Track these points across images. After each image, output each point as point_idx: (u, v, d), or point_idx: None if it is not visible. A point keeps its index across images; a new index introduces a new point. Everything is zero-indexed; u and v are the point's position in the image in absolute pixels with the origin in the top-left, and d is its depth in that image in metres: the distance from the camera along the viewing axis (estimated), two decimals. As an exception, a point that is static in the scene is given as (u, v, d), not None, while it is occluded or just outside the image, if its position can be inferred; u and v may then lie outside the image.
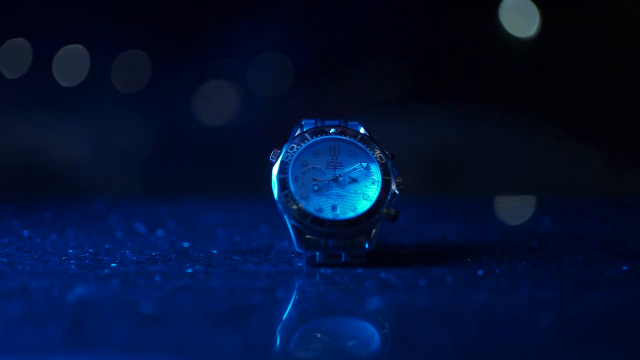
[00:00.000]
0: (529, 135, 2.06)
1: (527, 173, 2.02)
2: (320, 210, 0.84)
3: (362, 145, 0.86)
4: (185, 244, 0.94)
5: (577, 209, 1.31)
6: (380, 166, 0.86)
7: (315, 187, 0.85)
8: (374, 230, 0.84)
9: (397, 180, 0.86)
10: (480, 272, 0.82)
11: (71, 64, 2.03)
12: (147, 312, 0.70)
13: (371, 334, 0.68)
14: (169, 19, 2.07)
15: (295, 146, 0.86)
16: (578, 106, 2.09)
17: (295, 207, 0.83)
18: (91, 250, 0.91)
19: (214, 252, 0.90)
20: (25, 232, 1.02)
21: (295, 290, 0.77)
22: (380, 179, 0.85)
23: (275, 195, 0.84)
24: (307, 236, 0.83)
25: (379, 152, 0.86)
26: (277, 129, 2.19)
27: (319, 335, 0.68)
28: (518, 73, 2.13)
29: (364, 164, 0.86)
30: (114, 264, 0.84)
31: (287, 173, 0.84)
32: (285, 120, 2.12)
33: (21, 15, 2.01)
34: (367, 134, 0.88)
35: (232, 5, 2.10)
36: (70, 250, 0.91)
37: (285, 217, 0.84)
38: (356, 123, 0.89)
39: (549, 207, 1.35)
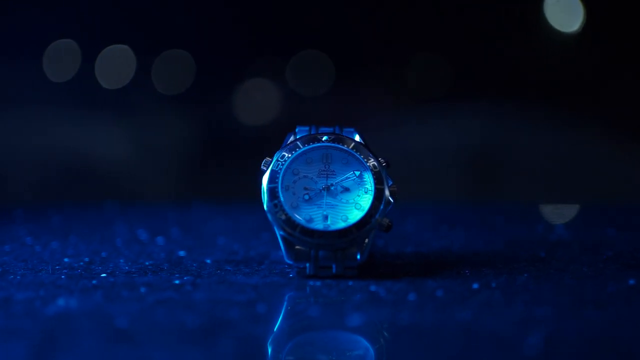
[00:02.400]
0: (573, 135, 2.00)
1: (570, 175, 1.96)
2: (310, 220, 0.81)
3: (355, 153, 0.83)
4: (182, 253, 0.93)
5: (605, 216, 1.26)
6: (373, 175, 0.83)
7: (306, 197, 0.83)
8: (366, 241, 0.82)
9: (391, 189, 0.83)
10: (475, 285, 0.79)
11: (115, 65, 2.04)
12: (120, 326, 0.68)
13: (344, 353, 0.65)
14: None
15: (287, 154, 0.83)
16: (625, 104, 2.02)
17: (284, 217, 0.81)
18: (86, 260, 0.90)
19: (208, 261, 0.89)
20: (29, 240, 1.02)
21: (277, 305, 0.75)
22: (373, 188, 0.82)
23: (265, 205, 0.82)
24: (297, 247, 0.81)
25: (372, 160, 0.83)
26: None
27: (288, 354, 0.66)
28: (561, 69, 2.07)
29: (357, 173, 0.83)
30: (104, 275, 0.83)
31: (277, 182, 0.82)
32: (322, 120, 2.11)
33: (65, 17, 2.03)
34: (362, 141, 0.85)
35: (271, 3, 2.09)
36: (66, 260, 0.90)
37: (275, 227, 0.82)
38: (352, 130, 0.86)
39: (576, 213, 1.30)
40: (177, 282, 0.81)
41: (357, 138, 0.85)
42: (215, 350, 0.63)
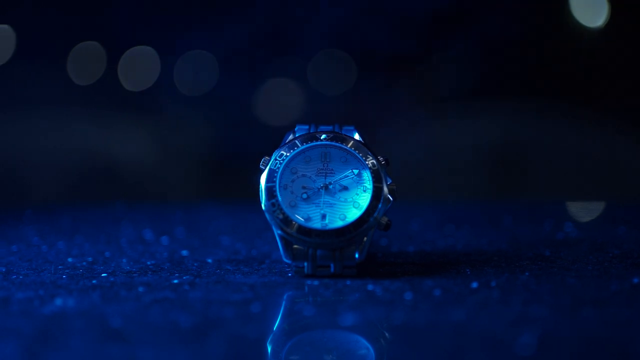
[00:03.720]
0: (595, 132, 1.97)
1: (598, 173, 1.93)
2: (308, 219, 0.81)
3: (354, 152, 0.83)
4: (184, 253, 0.93)
5: (618, 214, 1.23)
6: (372, 173, 0.82)
7: (305, 196, 0.82)
8: (364, 240, 0.81)
9: (390, 188, 0.82)
10: (474, 284, 0.78)
11: (139, 67, 2.06)
12: (112, 326, 0.68)
13: (335, 352, 0.65)
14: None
15: (285, 153, 0.83)
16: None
17: (281, 216, 0.81)
18: (90, 259, 0.90)
19: (209, 261, 0.89)
20: (36, 240, 1.03)
21: (271, 305, 0.75)
22: (371, 187, 0.82)
23: (263, 204, 0.82)
24: (295, 246, 0.81)
25: (371, 158, 0.83)
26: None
27: (279, 353, 0.65)
28: (590, 65, 2.04)
29: (356, 171, 0.83)
30: (104, 274, 0.84)
31: (274, 181, 0.82)
32: (345, 119, 2.11)
33: (89, 19, 2.04)
34: (361, 139, 0.84)
35: (295, 5, 2.09)
36: (69, 259, 0.91)
37: (272, 227, 0.81)
38: (351, 128, 0.86)
39: (590, 211, 1.28)
40: (175, 281, 0.81)
41: (356, 136, 0.85)
42: (204, 349, 0.63)
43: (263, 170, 0.83)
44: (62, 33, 2.02)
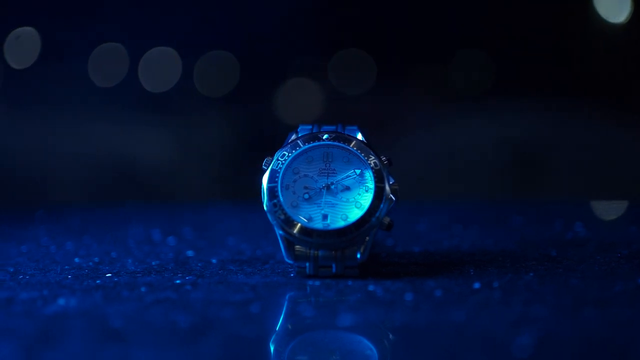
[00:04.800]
0: (618, 130, 1.95)
1: (620, 172, 1.91)
2: (310, 219, 0.81)
3: (356, 152, 0.83)
4: (190, 253, 0.94)
5: (632, 214, 1.22)
6: (374, 173, 0.82)
7: (306, 196, 0.82)
8: (366, 240, 0.81)
9: (392, 187, 0.82)
10: (476, 285, 0.77)
11: (159, 68, 2.07)
12: (111, 326, 0.69)
13: (332, 352, 0.65)
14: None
15: (287, 153, 0.83)
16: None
17: (283, 216, 0.81)
18: (96, 260, 0.91)
19: (213, 261, 0.89)
20: (46, 240, 1.04)
21: (271, 305, 0.74)
22: (373, 187, 0.81)
23: (264, 204, 0.82)
24: (297, 247, 0.81)
25: (373, 158, 0.82)
26: (363, 126, 2.18)
27: (277, 353, 0.65)
28: (612, 62, 2.01)
29: (358, 171, 0.82)
30: (109, 274, 0.84)
31: (276, 182, 0.82)
32: (367, 118, 2.11)
33: (111, 20, 2.06)
34: (364, 139, 0.84)
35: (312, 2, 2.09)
36: (76, 260, 0.91)
37: (274, 227, 0.81)
38: (355, 128, 0.86)
39: (604, 210, 1.27)
40: (178, 281, 0.81)
41: (359, 136, 0.84)
42: (201, 349, 0.63)
43: (265, 171, 0.83)
44: (85, 35, 2.03)
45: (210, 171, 2.09)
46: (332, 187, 0.82)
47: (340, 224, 0.80)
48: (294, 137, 0.85)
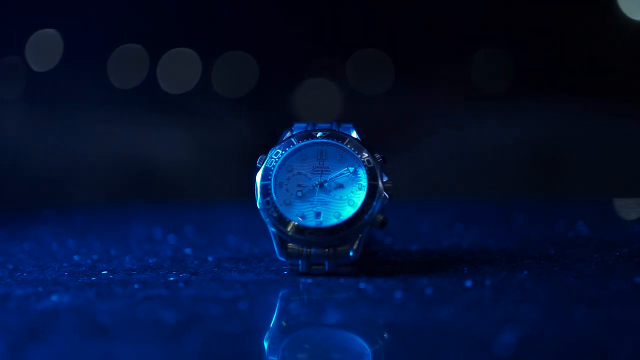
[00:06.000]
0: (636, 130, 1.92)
1: (631, 171, 1.88)
2: (303, 217, 0.81)
3: (350, 149, 0.82)
4: (188, 251, 0.94)
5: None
6: (367, 170, 0.81)
7: (299, 193, 0.82)
8: (359, 237, 0.80)
9: (386, 185, 0.81)
10: (468, 283, 0.76)
11: (178, 69, 2.08)
12: (99, 321, 0.69)
13: (317, 350, 0.64)
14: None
15: (280, 151, 0.83)
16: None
17: (275, 214, 0.80)
18: (95, 257, 0.91)
19: (210, 259, 0.89)
20: (48, 239, 1.05)
21: (260, 303, 0.74)
22: (366, 184, 0.81)
23: (257, 202, 0.82)
24: (290, 245, 0.81)
25: (367, 155, 0.82)
26: (381, 127, 2.17)
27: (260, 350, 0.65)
28: (633, 60, 1.99)
29: (351, 169, 0.82)
30: (105, 272, 0.85)
31: (269, 179, 0.82)
32: (385, 118, 2.10)
33: (130, 21, 2.07)
34: (358, 137, 0.84)
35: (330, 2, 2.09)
36: (75, 257, 0.92)
37: (267, 225, 0.81)
38: (350, 126, 0.85)
39: (611, 209, 1.25)
40: (171, 279, 0.81)
41: (354, 134, 0.84)
42: (186, 345, 0.63)
43: (259, 168, 0.83)
44: (105, 36, 2.05)
45: (228, 171, 2.10)
46: (326, 184, 0.82)
47: (333, 221, 0.80)
48: (288, 134, 0.85)
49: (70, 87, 2.05)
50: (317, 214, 0.81)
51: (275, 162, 0.82)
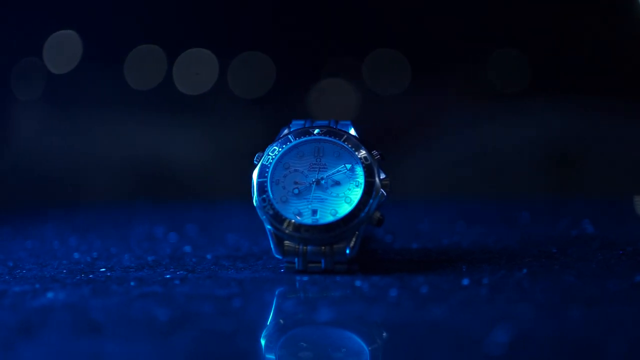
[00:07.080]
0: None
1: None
2: (299, 214, 0.80)
3: (347, 146, 0.81)
4: (187, 249, 0.94)
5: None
6: (364, 167, 0.80)
7: (296, 191, 0.81)
8: (356, 234, 0.79)
9: (383, 182, 0.80)
10: (465, 282, 0.75)
11: (195, 69, 2.08)
12: (92, 318, 0.69)
13: (307, 348, 0.64)
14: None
15: (277, 148, 0.82)
16: None
17: (272, 212, 0.80)
18: (95, 255, 0.92)
19: (208, 257, 0.89)
20: (50, 237, 1.05)
21: (254, 300, 0.74)
22: (363, 181, 0.80)
23: (254, 200, 0.81)
24: (286, 242, 0.80)
25: (364, 153, 0.81)
26: (397, 126, 2.16)
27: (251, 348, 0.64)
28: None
29: (348, 166, 0.81)
30: (102, 269, 0.85)
31: (266, 177, 0.81)
32: (402, 118, 2.09)
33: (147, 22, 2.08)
34: (356, 134, 0.83)
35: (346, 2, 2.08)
36: (76, 255, 0.92)
37: (263, 222, 0.81)
38: (348, 123, 0.84)
39: (622, 208, 1.23)
40: (168, 276, 0.81)
41: (352, 131, 0.83)
42: (177, 342, 0.63)
43: (256, 166, 0.82)
44: (122, 37, 2.06)
45: (243, 171, 2.10)
46: (322, 182, 0.81)
47: (329, 219, 0.79)
48: (286, 131, 0.84)
49: (87, 88, 2.06)
50: (314, 212, 0.80)
51: (272, 159, 0.82)
